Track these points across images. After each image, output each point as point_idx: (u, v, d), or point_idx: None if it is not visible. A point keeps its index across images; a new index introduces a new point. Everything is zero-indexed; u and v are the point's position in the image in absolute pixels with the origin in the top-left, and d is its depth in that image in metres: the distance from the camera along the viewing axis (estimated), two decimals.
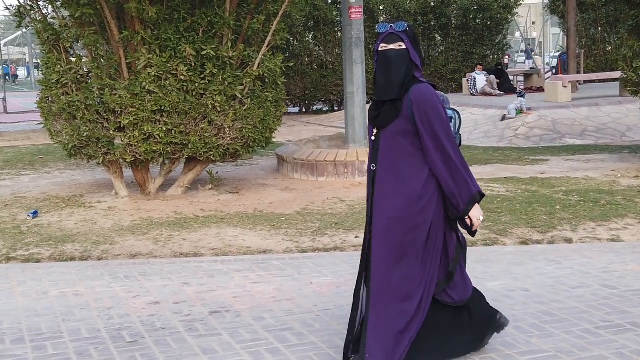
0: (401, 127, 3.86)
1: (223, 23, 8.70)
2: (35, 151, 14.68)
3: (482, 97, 19.88)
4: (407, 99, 3.83)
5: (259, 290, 5.73)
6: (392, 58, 3.87)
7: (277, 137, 10.11)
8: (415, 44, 3.91)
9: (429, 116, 3.80)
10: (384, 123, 3.91)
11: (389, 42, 3.88)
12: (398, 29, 3.87)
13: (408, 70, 3.86)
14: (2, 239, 7.42)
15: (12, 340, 4.78)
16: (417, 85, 3.85)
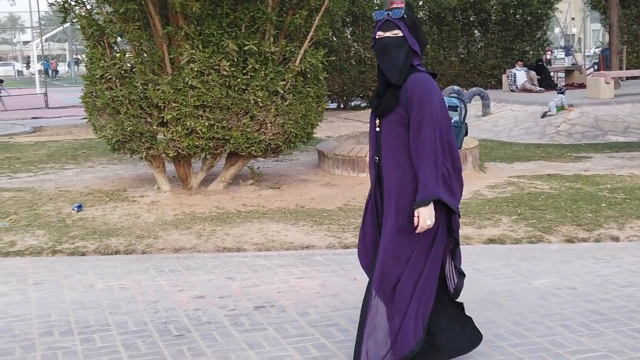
0: (400, 116, 3.76)
1: (265, 18, 8.71)
2: (78, 145, 14.83)
3: (522, 93, 19.70)
4: (404, 88, 3.75)
5: (303, 286, 5.73)
6: (388, 46, 3.77)
7: (316, 133, 10.09)
8: (414, 31, 3.80)
9: (421, 104, 3.68)
10: (384, 112, 3.82)
11: (385, 30, 3.78)
12: (394, 16, 3.76)
13: (406, 57, 3.76)
14: (48, 232, 7.51)
15: (60, 332, 4.83)
16: (414, 74, 3.76)
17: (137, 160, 11.27)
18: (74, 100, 29.01)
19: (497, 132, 15.50)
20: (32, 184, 10.28)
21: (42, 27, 42.59)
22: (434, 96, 3.70)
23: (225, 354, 4.41)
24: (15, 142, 16.00)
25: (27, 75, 58.36)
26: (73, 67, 54.67)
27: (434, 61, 22.51)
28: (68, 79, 53.51)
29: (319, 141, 11.96)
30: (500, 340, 4.47)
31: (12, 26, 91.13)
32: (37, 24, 47.58)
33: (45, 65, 43.95)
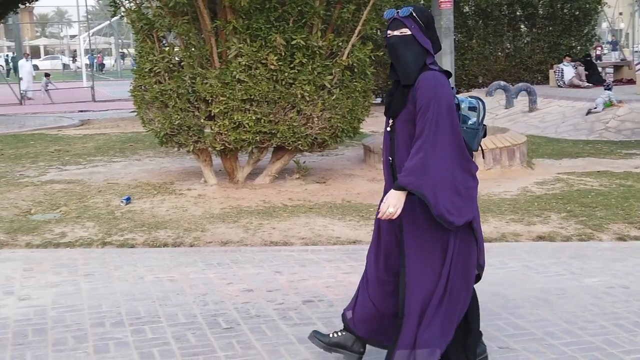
0: (411, 115, 3.67)
1: (313, 12, 8.70)
2: (125, 138, 14.99)
3: (569, 89, 19.44)
4: (414, 87, 3.65)
5: (351, 281, 5.70)
6: (395, 45, 3.69)
7: (362, 128, 10.07)
8: (425, 29, 3.68)
9: (428, 102, 3.57)
10: (395, 112, 3.75)
11: (394, 29, 3.71)
12: (402, 14, 3.68)
13: (416, 56, 3.65)
14: (98, 224, 7.59)
15: (111, 323, 4.88)
16: (425, 73, 3.64)
17: (184, 153, 11.35)
18: (120, 93, 29.42)
19: (544, 128, 15.31)
20: (82, 176, 10.42)
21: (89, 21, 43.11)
22: (441, 98, 3.57)
23: (275, 347, 4.42)
24: (64, 135, 16.23)
25: (74, 68, 59.16)
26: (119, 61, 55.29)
27: (479, 56, 22.31)
28: (114, 72, 54.15)
29: (365, 136, 11.94)
30: (553, 338, 4.42)
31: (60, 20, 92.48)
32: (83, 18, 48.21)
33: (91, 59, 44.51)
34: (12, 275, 6.00)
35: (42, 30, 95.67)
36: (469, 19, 22.50)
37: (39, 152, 13.23)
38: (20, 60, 31.67)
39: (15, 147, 14.02)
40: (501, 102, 17.46)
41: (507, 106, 17.16)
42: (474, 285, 3.86)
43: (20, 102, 27.56)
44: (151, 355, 4.34)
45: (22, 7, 20.77)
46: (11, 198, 8.93)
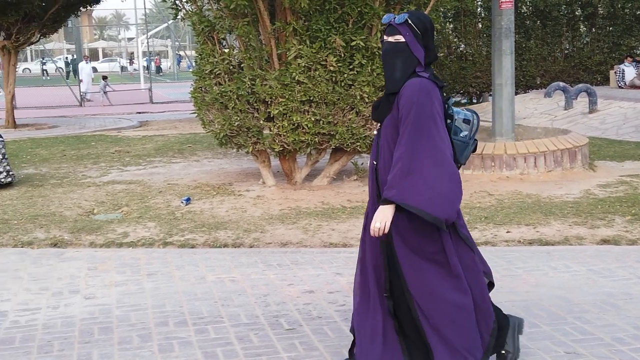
0: (393, 121, 3.64)
1: (373, 14, 8.68)
2: (183, 140, 15.13)
3: (631, 90, 19.06)
4: (399, 94, 3.61)
5: None
6: (387, 51, 3.68)
7: None
8: (420, 37, 3.62)
9: (409, 108, 3.51)
10: (380, 117, 3.73)
11: (388, 35, 3.68)
12: (397, 21, 3.63)
13: (406, 64, 3.61)
14: (159, 225, 7.68)
15: (175, 323, 4.93)
16: (411, 80, 3.60)
17: (242, 154, 11.45)
18: (177, 95, 29.77)
19: (605, 129, 15.03)
20: (142, 177, 10.55)
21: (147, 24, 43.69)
22: (426, 101, 3.50)
23: (337, 349, 4.41)
24: (124, 136, 16.48)
25: (131, 71, 60.00)
26: (175, 63, 55.91)
27: (537, 57, 22.00)
28: (170, 75, 54.78)
29: None
30: (621, 344, 4.32)
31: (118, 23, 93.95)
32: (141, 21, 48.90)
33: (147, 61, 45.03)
34: (77, 274, 6.10)
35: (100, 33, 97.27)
36: (527, 20, 22.22)
37: (100, 153, 13.45)
38: (80, 63, 32.25)
39: (77, 148, 14.27)
40: (560, 104, 17.21)
41: (567, 107, 16.91)
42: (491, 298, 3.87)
43: (80, 104, 28.06)
44: (215, 355, 4.36)
45: (82, 11, 21.08)
46: (74, 198, 9.08)
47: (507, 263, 6.10)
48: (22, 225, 7.74)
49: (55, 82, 42.37)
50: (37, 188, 9.85)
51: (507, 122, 10.41)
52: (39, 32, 19.13)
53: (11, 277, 6.09)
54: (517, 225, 7.33)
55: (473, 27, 22.15)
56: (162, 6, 42.85)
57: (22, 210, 8.44)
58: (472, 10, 21.95)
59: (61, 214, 8.25)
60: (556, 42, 22.69)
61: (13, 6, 17.00)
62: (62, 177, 10.71)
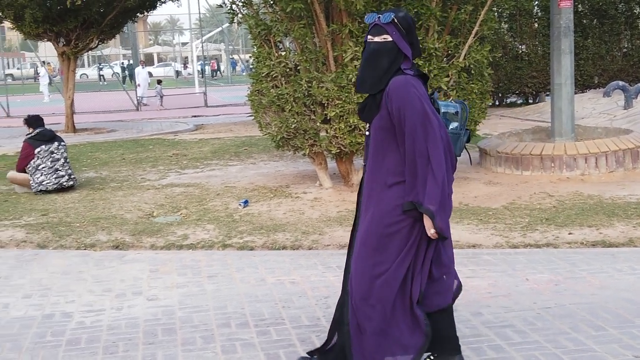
0: (382, 122, 3.65)
1: (429, 14, 8.62)
2: (239, 142, 15.22)
3: None
4: (385, 93, 3.61)
5: (473, 285, 5.61)
6: (375, 51, 3.68)
7: (478, 130, 9.91)
8: (406, 35, 3.66)
9: (402, 109, 3.54)
10: (368, 118, 3.74)
11: (375, 35, 3.69)
12: (383, 20, 3.65)
13: (392, 63, 3.64)
14: (218, 227, 7.73)
15: (237, 324, 4.95)
16: (395, 78, 3.61)
17: (298, 157, 11.47)
18: (230, 99, 30.00)
19: None
20: (199, 180, 10.65)
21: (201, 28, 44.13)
22: (414, 99, 3.53)
23: None
24: (180, 140, 16.65)
25: (185, 75, 60.66)
26: (228, 67, 56.37)
27: (595, 56, 21.59)
28: (224, 78, 55.24)
29: (480, 138, 11.75)
30: None
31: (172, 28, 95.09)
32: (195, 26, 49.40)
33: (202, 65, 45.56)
34: (139, 276, 6.18)
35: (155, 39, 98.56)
36: (584, 18, 21.84)
37: (158, 156, 13.62)
38: (137, 68, 32.73)
39: (136, 151, 14.47)
40: (619, 103, 16.88)
41: (626, 107, 16.56)
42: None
43: (136, 108, 28.45)
44: (277, 357, 4.37)
45: (139, 16, 21.39)
46: (134, 201, 9.21)
47: (571, 265, 6.00)
48: (85, 228, 7.87)
49: (112, 87, 43.05)
50: (98, 191, 10.02)
51: (567, 122, 10.25)
52: (97, 38, 19.43)
53: (75, 278, 6.19)
54: (580, 226, 7.21)
55: (529, 26, 21.87)
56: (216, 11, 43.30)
57: (84, 213, 8.59)
58: (528, 10, 21.68)
59: (122, 216, 8.37)
60: (614, 41, 22.25)
61: (72, 13, 17.31)
62: (122, 180, 10.87)
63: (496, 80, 21.42)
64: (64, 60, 19.45)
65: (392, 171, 3.66)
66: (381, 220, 3.68)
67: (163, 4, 20.10)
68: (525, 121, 17.07)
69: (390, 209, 3.66)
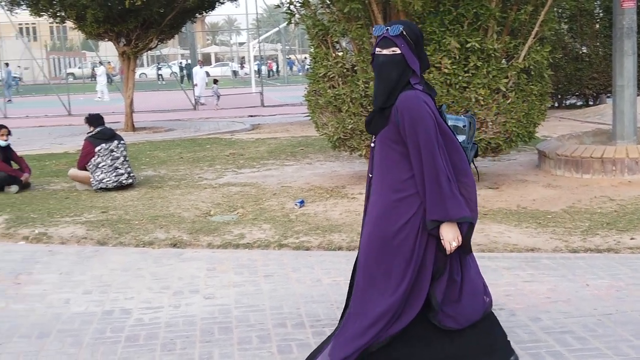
0: (389, 134, 3.62)
1: (489, 15, 8.54)
2: (295, 142, 15.26)
3: None
4: (394, 107, 3.60)
5: (531, 290, 5.54)
6: (383, 64, 3.64)
7: (537, 132, 9.76)
8: (415, 48, 3.64)
9: (414, 126, 3.53)
10: (375, 130, 3.72)
11: (383, 47, 3.65)
12: (392, 33, 3.61)
13: (401, 76, 3.61)
14: (274, 227, 7.76)
15: (293, 325, 4.97)
16: (405, 93, 3.59)
17: (354, 157, 11.45)
18: (287, 99, 30.12)
19: None
20: (256, 179, 10.71)
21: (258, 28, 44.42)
22: (425, 115, 3.54)
23: None
24: (237, 139, 16.77)
25: (242, 75, 61.11)
26: (285, 67, 56.62)
27: None
28: (280, 78, 55.50)
29: (539, 140, 11.58)
30: None
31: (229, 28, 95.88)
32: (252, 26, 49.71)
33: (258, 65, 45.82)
34: (196, 274, 6.24)
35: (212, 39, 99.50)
36: None
37: (215, 155, 13.73)
38: (195, 68, 33.08)
39: (193, 150, 14.62)
40: None
41: None
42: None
43: (194, 108, 28.74)
44: None
45: (198, 16, 21.60)
46: (192, 200, 9.30)
47: (632, 271, 5.88)
48: (143, 226, 7.98)
49: (170, 87, 43.58)
50: (156, 189, 10.14)
51: (629, 125, 10.05)
52: (157, 38, 19.68)
53: (134, 275, 6.28)
54: None
55: (590, 27, 21.49)
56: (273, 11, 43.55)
57: (142, 211, 8.70)
58: (589, 10, 21.31)
59: (180, 215, 8.46)
60: None
61: (133, 13, 17.57)
62: (180, 179, 10.99)
63: (556, 82, 21.06)
64: (124, 60, 19.76)
65: (396, 185, 3.67)
66: (384, 234, 3.70)
67: (221, 5, 20.26)
68: (585, 123, 16.78)
69: (387, 220, 3.68)
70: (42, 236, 7.75)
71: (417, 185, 3.62)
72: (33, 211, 8.89)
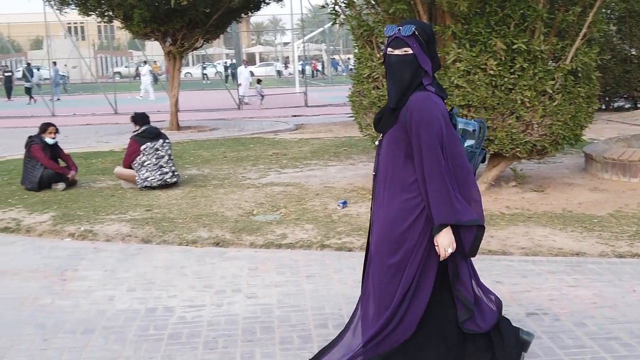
0: (397, 134, 3.62)
1: (536, 16, 8.43)
2: (339, 143, 15.25)
3: None
4: (405, 107, 3.58)
5: (576, 295, 5.48)
6: (395, 64, 3.61)
7: (584, 135, 9.63)
8: (427, 48, 3.61)
9: (418, 128, 3.52)
10: (383, 129, 3.71)
11: (395, 47, 3.62)
12: (404, 33, 3.57)
13: (414, 76, 3.58)
14: (316, 227, 7.76)
15: (334, 325, 4.97)
16: (416, 94, 3.56)
17: None
18: (330, 99, 30.13)
19: None
20: (299, 179, 10.72)
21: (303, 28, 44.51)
22: (434, 119, 3.51)
23: None
24: (280, 139, 16.82)
25: (285, 75, 61.25)
26: (329, 67, 56.63)
27: None
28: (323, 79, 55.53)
29: (586, 143, 11.44)
30: None
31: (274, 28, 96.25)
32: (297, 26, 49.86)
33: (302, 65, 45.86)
34: (238, 274, 6.27)
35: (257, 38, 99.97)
36: None
37: (258, 155, 13.78)
38: (239, 67, 33.23)
39: (237, 150, 14.69)
40: None
41: None
42: None
43: (238, 107, 28.90)
44: None
45: (243, 17, 21.70)
46: (235, 199, 9.34)
47: None
48: (187, 224, 8.03)
49: (215, 86, 43.90)
50: (199, 188, 10.21)
51: None
52: (202, 38, 19.82)
53: (177, 274, 6.33)
54: None
55: (639, 29, 21.15)
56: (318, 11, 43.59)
57: (186, 210, 8.77)
58: (638, 12, 20.96)
59: (223, 214, 8.51)
60: None
61: (179, 13, 17.72)
62: (223, 178, 11.05)
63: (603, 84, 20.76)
64: (169, 59, 19.93)
65: (403, 186, 3.66)
66: (388, 237, 3.71)
67: (267, 5, 20.33)
68: (633, 126, 16.54)
69: (393, 221, 3.69)
70: (88, 233, 7.86)
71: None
72: (79, 208, 9.02)
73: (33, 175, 10.42)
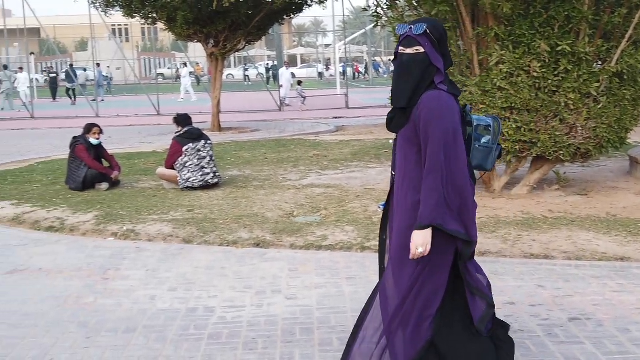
0: (408, 134, 3.58)
1: (581, 17, 8.33)
2: (379, 145, 15.21)
3: None
4: (417, 105, 3.53)
5: (620, 300, 5.40)
6: (407, 63, 3.56)
7: (630, 138, 9.49)
8: (439, 46, 3.56)
9: (426, 125, 3.48)
10: (396, 129, 3.67)
11: (407, 46, 3.57)
12: (416, 32, 3.53)
13: (425, 75, 3.54)
14: (356, 229, 7.75)
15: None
16: (429, 92, 3.52)
17: None
18: (372, 101, 30.07)
19: None
20: (339, 181, 10.72)
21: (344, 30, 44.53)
22: (444, 118, 3.48)
23: None
24: (321, 141, 16.83)
25: (327, 76, 61.29)
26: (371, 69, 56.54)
27: None
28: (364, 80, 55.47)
29: (631, 147, 11.27)
30: None
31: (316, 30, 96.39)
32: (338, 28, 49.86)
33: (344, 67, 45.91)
34: (278, 275, 6.29)
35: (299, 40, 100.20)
36: None
37: (299, 156, 13.81)
38: (281, 69, 33.33)
39: (278, 151, 14.74)
40: None
41: None
42: None
43: (279, 109, 28.98)
44: None
45: (285, 19, 21.76)
46: (276, 200, 9.37)
47: None
48: (228, 225, 8.08)
49: (256, 88, 44.08)
50: (240, 189, 10.26)
51: None
52: (245, 40, 19.92)
53: (218, 274, 6.37)
54: None
55: None
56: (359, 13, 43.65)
57: (227, 211, 8.81)
58: None
59: (263, 215, 8.54)
60: None
61: (221, 15, 17.83)
62: (264, 180, 11.09)
63: None
64: (212, 61, 20.07)
65: (417, 185, 3.62)
66: (404, 234, 3.67)
67: (309, 7, 20.36)
68: None
69: (409, 219, 3.65)
70: (130, 233, 7.95)
71: None
72: (122, 208, 9.12)
73: (77, 175, 10.56)
